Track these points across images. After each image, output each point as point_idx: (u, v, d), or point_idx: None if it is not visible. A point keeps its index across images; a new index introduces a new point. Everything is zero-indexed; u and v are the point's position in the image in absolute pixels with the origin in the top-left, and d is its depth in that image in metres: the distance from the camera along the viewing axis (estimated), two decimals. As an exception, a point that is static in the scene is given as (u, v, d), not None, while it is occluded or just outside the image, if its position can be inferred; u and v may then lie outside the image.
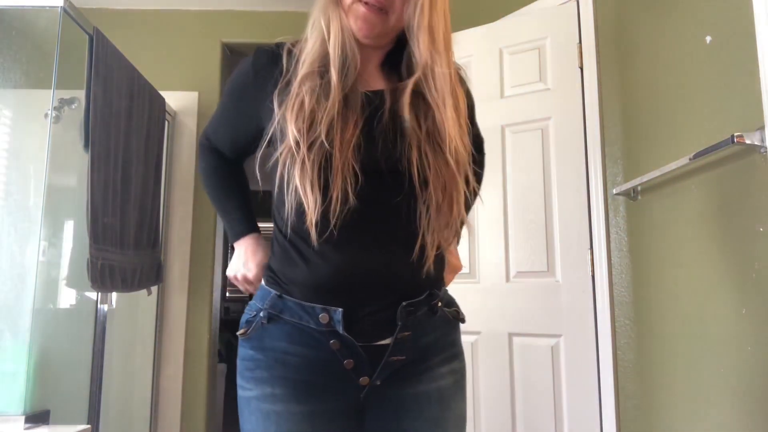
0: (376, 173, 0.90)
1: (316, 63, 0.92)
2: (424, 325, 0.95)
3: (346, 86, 0.91)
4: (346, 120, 0.89)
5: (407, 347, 0.93)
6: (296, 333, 0.92)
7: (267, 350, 0.93)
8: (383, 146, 0.91)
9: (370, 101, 0.94)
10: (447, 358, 0.99)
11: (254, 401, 0.92)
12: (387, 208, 0.91)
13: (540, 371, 2.01)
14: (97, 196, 1.97)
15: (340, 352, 0.90)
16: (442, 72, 0.94)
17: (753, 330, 1.25)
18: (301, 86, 0.90)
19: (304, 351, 0.91)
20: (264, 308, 0.94)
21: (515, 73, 2.21)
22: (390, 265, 0.91)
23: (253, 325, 0.95)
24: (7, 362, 1.76)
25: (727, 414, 1.34)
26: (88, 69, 1.99)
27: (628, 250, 1.85)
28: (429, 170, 0.91)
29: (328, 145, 0.86)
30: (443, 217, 0.93)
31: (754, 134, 1.20)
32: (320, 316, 0.89)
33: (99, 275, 1.96)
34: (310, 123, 0.88)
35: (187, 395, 2.76)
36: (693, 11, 1.48)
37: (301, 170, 0.87)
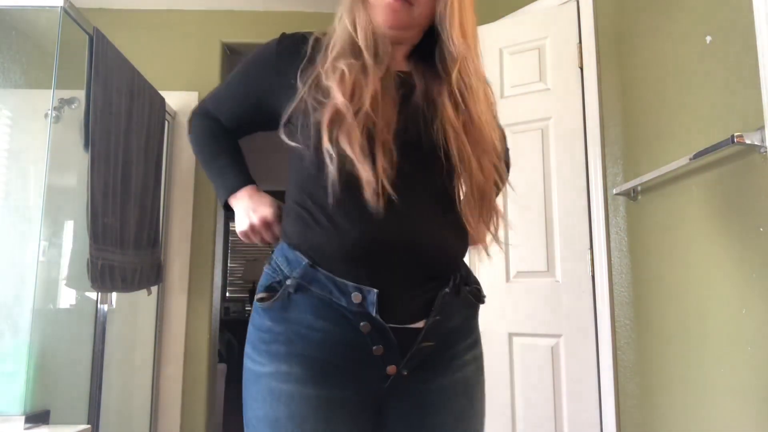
0: (416, 151, 0.89)
1: (347, 46, 0.91)
2: (450, 309, 0.89)
3: (381, 68, 0.90)
4: (386, 97, 0.88)
5: (436, 333, 0.88)
6: (324, 307, 0.84)
7: (289, 322, 0.85)
8: (423, 126, 0.90)
9: (403, 82, 0.93)
10: (470, 345, 0.95)
11: (265, 378, 0.84)
12: (425, 186, 0.89)
13: (540, 371, 2.01)
14: (97, 196, 1.97)
15: (371, 336, 0.83)
16: (474, 66, 0.94)
17: (753, 330, 1.25)
18: (336, 62, 0.89)
19: (331, 328, 0.84)
20: (293, 276, 0.86)
21: (515, 73, 2.21)
22: (420, 238, 0.86)
23: (279, 294, 0.86)
24: (7, 362, 1.76)
25: (728, 414, 1.34)
26: (88, 69, 1.99)
27: (628, 250, 1.85)
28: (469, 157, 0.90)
29: (372, 118, 0.85)
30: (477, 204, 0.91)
31: (754, 134, 1.20)
32: (353, 294, 0.82)
33: (99, 275, 1.96)
34: (353, 93, 0.86)
35: (187, 395, 2.76)
36: (693, 11, 1.48)
37: (349, 135, 0.83)
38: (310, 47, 0.94)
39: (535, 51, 2.18)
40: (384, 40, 0.93)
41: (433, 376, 0.90)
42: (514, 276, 2.12)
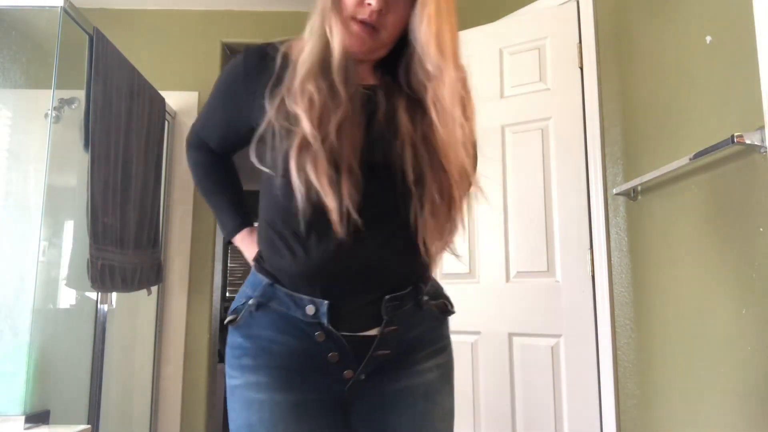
0: (373, 171, 0.90)
1: (316, 65, 0.91)
2: (410, 320, 0.95)
3: (350, 89, 0.91)
4: (353, 120, 0.90)
5: (393, 342, 0.93)
6: (283, 322, 0.92)
7: (254, 338, 0.93)
8: (381, 145, 0.91)
9: (369, 100, 0.94)
10: (433, 352, 1.00)
11: (239, 389, 0.93)
12: (382, 205, 0.92)
13: (540, 371, 2.01)
14: (97, 196, 1.97)
15: (325, 344, 0.90)
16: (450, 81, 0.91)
17: (753, 330, 1.25)
18: (305, 84, 0.90)
19: (290, 340, 0.92)
20: (254, 296, 0.94)
21: (515, 73, 2.21)
22: (378, 259, 0.92)
23: (242, 313, 0.95)
24: (7, 362, 1.76)
25: (728, 414, 1.34)
26: (88, 69, 1.99)
27: (628, 250, 1.85)
28: (425, 170, 0.91)
29: (337, 143, 0.87)
30: (438, 218, 0.92)
31: (754, 134, 1.20)
32: (307, 307, 0.90)
33: (99, 275, 1.96)
34: (320, 119, 0.87)
35: (187, 395, 2.76)
36: (693, 11, 1.48)
37: (314, 163, 0.86)
38: (278, 63, 0.94)
39: (535, 51, 2.18)
40: (352, 60, 0.93)
41: (392, 380, 0.95)
42: (514, 276, 2.12)
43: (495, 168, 2.20)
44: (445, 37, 0.92)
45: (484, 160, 2.45)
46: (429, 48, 0.90)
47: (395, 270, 0.94)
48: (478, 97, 2.38)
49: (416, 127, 0.92)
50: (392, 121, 0.93)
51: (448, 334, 1.06)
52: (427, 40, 0.91)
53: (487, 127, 2.24)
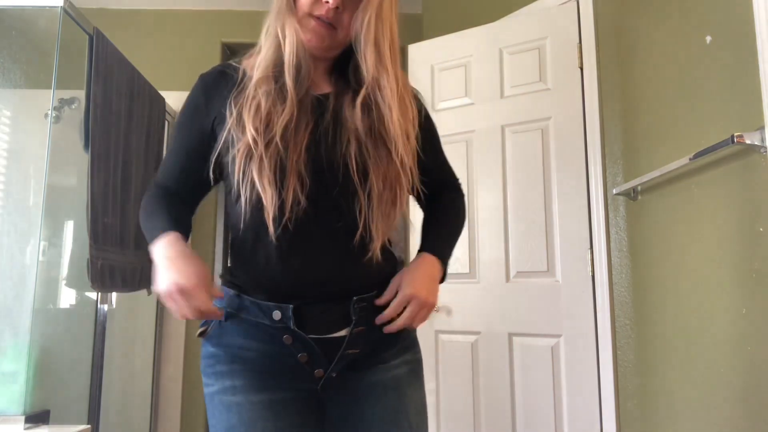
0: (321, 173, 0.93)
1: (270, 68, 0.95)
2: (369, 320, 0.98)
3: (300, 92, 0.94)
4: (299, 123, 0.93)
5: (361, 341, 0.97)
6: (252, 329, 0.95)
7: (225, 346, 0.98)
8: (326, 146, 0.94)
9: (320, 104, 0.97)
10: (401, 350, 1.03)
11: (216, 395, 0.96)
12: (331, 205, 0.94)
13: (540, 371, 2.01)
14: (97, 196, 1.97)
15: (294, 347, 0.94)
16: (388, 86, 0.96)
17: (753, 330, 1.25)
18: (257, 89, 0.93)
19: (260, 346, 0.95)
20: (222, 307, 0.97)
21: (515, 73, 2.21)
22: (337, 263, 0.95)
23: (212, 324, 0.99)
24: (7, 362, 1.76)
25: (728, 414, 1.34)
26: (88, 69, 1.98)
27: (628, 250, 1.85)
28: (369, 160, 0.94)
29: (282, 147, 0.90)
30: (385, 207, 0.95)
31: (754, 134, 1.20)
32: (273, 312, 0.93)
33: (99, 275, 1.96)
34: (267, 124, 0.91)
35: (187, 395, 2.76)
36: (693, 11, 1.48)
37: (259, 167, 0.89)
38: (239, 76, 0.98)
39: (535, 51, 2.18)
40: (307, 61, 0.96)
41: (362, 376, 0.99)
42: (514, 276, 2.12)
43: (495, 168, 2.20)
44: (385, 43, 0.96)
45: (484, 161, 2.46)
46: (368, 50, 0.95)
47: (356, 274, 0.97)
48: (479, 97, 2.42)
49: (361, 121, 0.95)
50: (338, 119, 0.96)
51: (415, 335, 1.08)
52: (366, 43, 0.95)
53: (487, 127, 2.24)
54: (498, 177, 2.19)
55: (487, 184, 2.21)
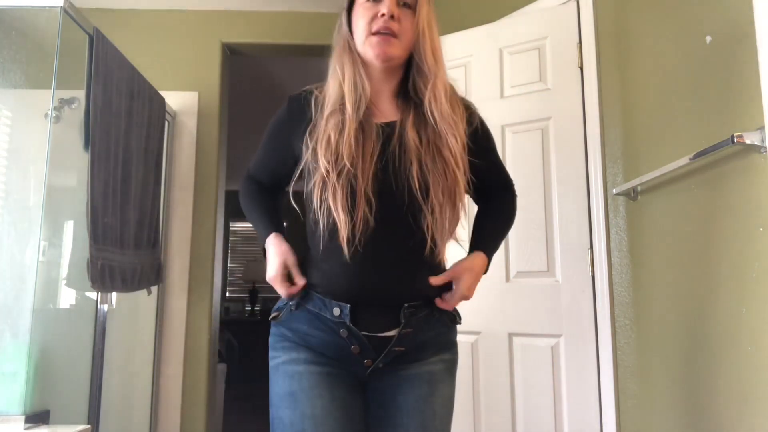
0: (388, 195, 1.08)
1: (336, 102, 1.12)
2: (423, 325, 1.14)
3: (359, 117, 1.10)
4: (364, 150, 1.08)
5: (407, 341, 1.12)
6: (316, 320, 1.12)
7: (294, 330, 1.14)
8: (393, 169, 1.09)
9: (383, 130, 1.12)
10: (439, 350, 1.18)
11: (282, 365, 1.13)
12: (400, 224, 1.09)
13: (540, 371, 2.01)
14: (97, 196, 1.97)
15: (348, 339, 1.10)
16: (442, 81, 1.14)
17: (753, 330, 1.25)
18: (326, 123, 1.10)
19: (322, 335, 1.12)
20: (294, 298, 1.15)
21: (515, 73, 2.21)
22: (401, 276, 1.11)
23: (284, 311, 1.17)
24: (7, 362, 1.76)
25: (728, 414, 1.34)
26: (88, 69, 1.98)
27: (628, 250, 1.85)
28: (429, 177, 1.08)
29: (353, 173, 1.06)
30: (446, 215, 1.10)
31: (754, 134, 1.20)
32: (334, 309, 1.10)
33: (99, 275, 1.96)
34: (336, 156, 1.07)
35: (187, 395, 2.76)
36: (693, 11, 1.48)
37: (333, 195, 1.06)
38: (312, 108, 1.15)
39: (535, 51, 2.18)
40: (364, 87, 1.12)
41: (403, 369, 1.14)
42: (514, 276, 2.12)
43: (495, 168, 2.20)
44: (438, 48, 1.15)
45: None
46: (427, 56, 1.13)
47: (405, 288, 1.12)
48: (478, 97, 2.42)
49: (422, 137, 1.10)
50: (402, 143, 1.10)
51: (455, 339, 1.23)
52: (425, 50, 1.12)
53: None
54: (498, 177, 2.19)
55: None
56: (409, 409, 1.12)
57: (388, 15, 1.09)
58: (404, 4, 1.13)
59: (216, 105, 3.02)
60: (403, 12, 1.12)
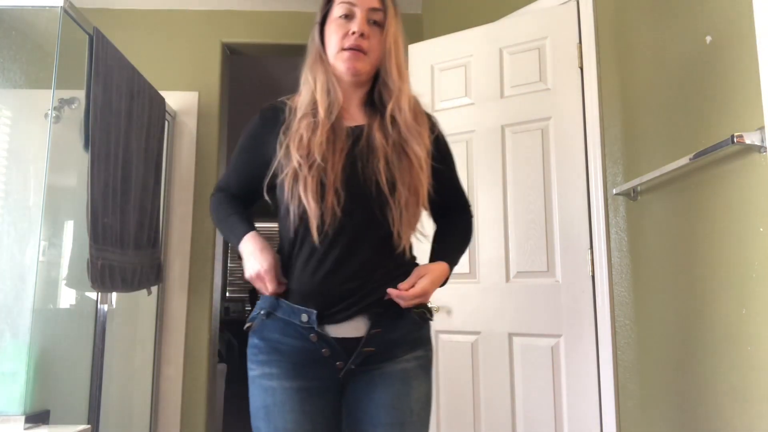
0: (356, 189, 1.14)
1: (309, 107, 1.19)
2: (391, 324, 1.17)
3: (331, 120, 1.17)
4: (334, 147, 1.15)
5: (377, 341, 1.16)
6: (286, 327, 1.17)
7: (266, 339, 1.19)
8: (361, 166, 1.16)
9: (353, 132, 1.20)
10: (411, 348, 1.21)
11: (257, 379, 1.18)
12: (367, 216, 1.15)
13: (540, 371, 2.01)
14: (97, 196, 1.97)
15: (318, 343, 1.15)
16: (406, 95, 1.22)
17: (753, 330, 1.25)
18: (299, 124, 1.17)
19: (292, 341, 1.16)
20: (264, 308, 1.20)
21: (515, 73, 2.21)
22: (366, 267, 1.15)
23: (256, 320, 1.21)
24: (7, 362, 1.76)
25: (728, 414, 1.34)
26: (88, 69, 1.98)
27: (628, 250, 1.85)
28: (396, 173, 1.15)
29: (323, 167, 1.12)
30: (412, 210, 1.17)
31: (754, 134, 1.20)
32: (302, 315, 1.15)
33: (99, 275, 1.96)
34: (308, 151, 1.13)
35: (187, 395, 2.76)
36: (693, 11, 1.48)
37: (304, 185, 1.11)
38: (286, 114, 1.22)
39: (535, 51, 2.18)
40: (336, 95, 1.20)
41: (376, 368, 1.17)
42: (514, 276, 2.12)
43: (495, 168, 2.20)
44: (402, 65, 1.23)
45: (484, 161, 2.45)
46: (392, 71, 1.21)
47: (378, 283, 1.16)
48: (479, 97, 2.42)
49: (388, 138, 1.18)
50: (370, 143, 1.18)
51: (428, 336, 1.26)
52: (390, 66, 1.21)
53: (487, 127, 2.24)
54: (498, 177, 2.19)
55: (487, 184, 2.21)
56: (386, 407, 1.15)
57: (359, 33, 1.18)
58: (374, 23, 1.22)
59: (216, 105, 3.02)
60: (373, 30, 1.21)
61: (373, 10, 1.21)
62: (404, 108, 1.20)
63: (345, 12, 1.21)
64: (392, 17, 1.23)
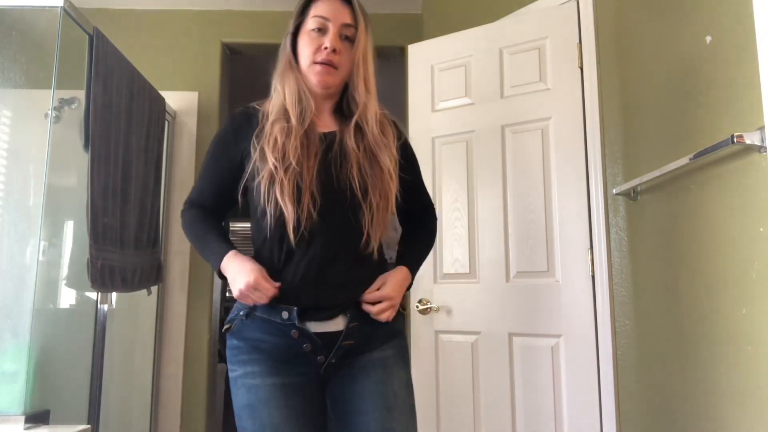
0: (330, 192, 1.18)
1: (280, 113, 1.23)
2: (367, 318, 1.22)
3: (304, 127, 1.21)
4: (308, 152, 1.19)
5: (355, 334, 1.21)
6: (267, 325, 1.19)
7: (246, 339, 1.21)
8: (335, 170, 1.20)
9: (325, 137, 1.25)
10: (387, 340, 1.27)
11: (239, 379, 1.19)
12: (341, 218, 1.19)
13: (540, 371, 2.01)
14: (97, 196, 1.97)
15: (300, 340, 1.18)
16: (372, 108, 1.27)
17: (753, 330, 1.25)
18: (272, 127, 1.21)
19: (273, 339, 1.19)
20: (243, 308, 1.22)
21: (515, 73, 2.21)
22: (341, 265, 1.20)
23: (235, 322, 1.23)
24: (7, 362, 1.76)
25: (728, 414, 1.34)
26: (88, 69, 1.98)
27: (628, 250, 1.85)
28: (368, 179, 1.20)
29: (298, 171, 1.16)
30: (382, 215, 1.21)
31: (754, 134, 1.20)
32: (282, 313, 1.18)
33: (99, 275, 1.96)
34: (283, 154, 1.17)
35: (187, 395, 2.76)
36: (693, 11, 1.48)
37: (281, 188, 1.14)
38: (260, 118, 1.25)
39: (535, 51, 2.18)
40: (308, 103, 1.24)
41: (356, 360, 1.23)
42: (514, 276, 2.12)
43: (495, 168, 2.20)
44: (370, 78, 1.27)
45: (484, 161, 2.45)
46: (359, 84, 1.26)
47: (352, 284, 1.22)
48: (479, 97, 2.41)
49: (359, 146, 1.23)
50: (343, 149, 1.22)
51: (401, 328, 1.33)
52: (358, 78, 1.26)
53: (487, 127, 2.24)
54: (498, 177, 2.19)
55: (487, 184, 2.21)
56: (370, 394, 1.20)
57: (330, 49, 1.23)
58: (345, 38, 1.26)
59: (216, 105, 3.02)
60: (344, 45, 1.26)
61: (345, 26, 1.26)
62: (371, 121, 1.25)
63: (318, 26, 1.25)
64: (362, 32, 1.26)
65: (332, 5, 1.26)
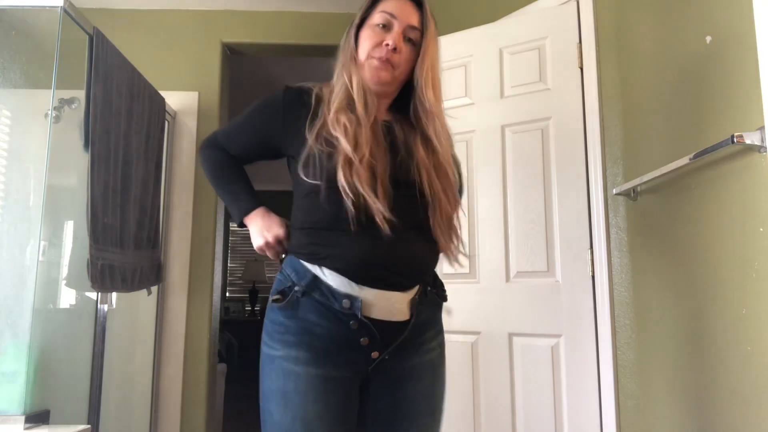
0: (399, 186, 1.16)
1: (344, 102, 1.18)
2: (420, 307, 1.19)
3: (370, 119, 1.17)
4: (378, 144, 1.16)
5: (413, 326, 1.16)
6: (324, 309, 1.12)
7: (298, 319, 1.12)
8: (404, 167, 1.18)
9: (389, 130, 1.22)
10: (435, 333, 1.24)
11: (278, 360, 1.12)
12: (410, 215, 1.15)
13: (540, 371, 2.01)
14: (97, 196, 1.97)
15: (358, 332, 1.12)
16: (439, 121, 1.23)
17: (753, 330, 1.25)
18: (338, 115, 1.16)
19: (330, 325, 1.11)
20: (300, 285, 1.13)
21: (515, 73, 2.21)
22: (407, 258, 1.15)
23: (289, 297, 1.14)
24: (7, 362, 1.76)
25: (728, 414, 1.34)
26: (88, 69, 1.99)
27: (628, 250, 1.85)
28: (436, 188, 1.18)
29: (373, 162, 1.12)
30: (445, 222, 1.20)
31: (754, 134, 1.20)
32: (343, 302, 1.11)
33: (99, 275, 1.96)
34: (356, 143, 1.13)
35: (187, 395, 2.76)
36: (693, 11, 1.48)
37: (360, 177, 1.10)
38: (313, 101, 1.21)
39: (535, 51, 2.18)
40: (371, 95, 1.20)
41: (406, 359, 1.18)
42: (514, 276, 2.12)
43: (495, 168, 2.20)
44: (437, 84, 1.24)
45: (484, 161, 2.45)
46: (427, 91, 1.22)
47: (422, 265, 1.19)
48: (479, 97, 2.41)
49: (429, 156, 1.21)
50: (410, 150, 1.21)
51: (441, 317, 1.28)
52: (425, 85, 1.21)
53: (487, 127, 2.24)
54: (498, 177, 2.19)
55: (487, 184, 2.21)
56: (419, 401, 1.18)
57: (392, 47, 1.19)
58: (408, 39, 1.22)
59: (216, 105, 3.02)
60: (407, 46, 1.22)
61: (411, 27, 1.22)
62: (440, 133, 1.23)
63: (383, 21, 1.22)
64: (432, 38, 1.23)
65: (402, 4, 1.23)
